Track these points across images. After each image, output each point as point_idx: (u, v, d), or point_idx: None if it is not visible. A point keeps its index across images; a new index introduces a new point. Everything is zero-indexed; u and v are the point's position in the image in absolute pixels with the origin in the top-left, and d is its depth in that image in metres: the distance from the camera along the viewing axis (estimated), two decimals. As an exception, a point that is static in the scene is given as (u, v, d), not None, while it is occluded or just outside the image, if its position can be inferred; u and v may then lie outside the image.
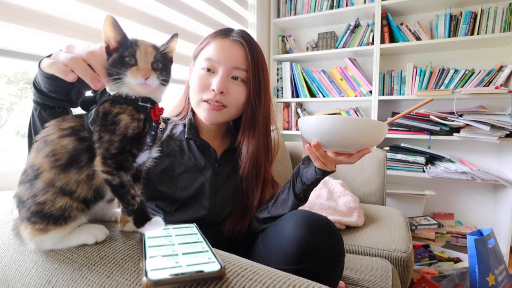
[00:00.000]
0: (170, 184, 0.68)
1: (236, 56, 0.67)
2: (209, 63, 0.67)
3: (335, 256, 0.54)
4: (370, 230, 1.09)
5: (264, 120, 0.73)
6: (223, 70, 0.66)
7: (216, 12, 1.59)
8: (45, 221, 0.39)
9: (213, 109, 0.67)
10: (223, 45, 0.68)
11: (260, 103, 0.71)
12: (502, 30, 1.61)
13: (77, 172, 0.40)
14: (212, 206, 0.70)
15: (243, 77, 0.68)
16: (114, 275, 0.35)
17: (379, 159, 1.44)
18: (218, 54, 0.67)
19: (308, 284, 0.32)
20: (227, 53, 0.67)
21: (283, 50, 2.18)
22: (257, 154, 0.71)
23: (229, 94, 0.67)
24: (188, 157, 0.71)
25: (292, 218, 0.57)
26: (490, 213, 1.84)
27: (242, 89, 0.69)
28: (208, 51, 0.68)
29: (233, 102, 0.69)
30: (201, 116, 0.70)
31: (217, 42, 0.68)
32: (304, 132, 0.60)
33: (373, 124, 0.55)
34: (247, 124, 0.71)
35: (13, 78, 1.02)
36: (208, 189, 0.70)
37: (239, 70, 0.68)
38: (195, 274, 0.31)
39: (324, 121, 0.54)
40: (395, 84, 1.87)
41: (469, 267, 1.19)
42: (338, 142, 0.56)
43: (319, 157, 0.59)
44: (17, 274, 0.40)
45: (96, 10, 0.95)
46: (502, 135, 1.56)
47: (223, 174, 0.73)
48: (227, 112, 0.69)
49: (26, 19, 0.77)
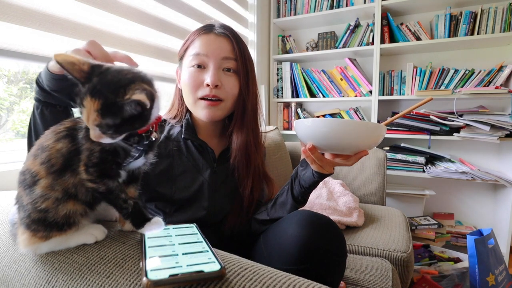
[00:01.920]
0: (169, 185, 0.68)
1: (223, 47, 0.68)
2: (198, 58, 0.67)
3: (337, 256, 0.54)
4: (370, 230, 1.09)
5: (253, 111, 0.73)
6: (214, 63, 0.66)
7: (216, 12, 1.59)
8: (48, 229, 0.38)
9: (211, 105, 0.67)
10: (209, 39, 0.68)
11: (249, 92, 0.71)
12: (502, 30, 1.61)
13: (72, 175, 0.39)
14: (211, 206, 0.70)
15: (234, 67, 0.69)
16: (114, 275, 0.35)
17: (379, 159, 1.44)
18: (206, 48, 0.67)
19: (308, 284, 0.32)
20: (215, 46, 0.67)
21: (283, 50, 2.18)
22: (246, 143, 0.71)
23: (223, 87, 0.67)
24: (187, 158, 0.71)
25: (294, 218, 0.57)
26: (490, 213, 1.84)
27: (235, 80, 0.69)
28: (195, 48, 0.68)
29: (229, 94, 0.69)
30: (200, 114, 0.69)
31: (202, 38, 0.68)
32: (300, 135, 0.59)
33: (370, 127, 0.54)
34: (238, 115, 0.72)
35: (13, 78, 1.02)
36: (207, 189, 0.70)
37: (229, 60, 0.68)
38: (195, 274, 0.31)
39: (320, 124, 0.53)
40: (395, 84, 1.87)
41: (469, 267, 1.19)
42: (335, 145, 0.55)
43: (315, 160, 0.59)
44: (17, 274, 0.40)
45: (96, 10, 0.95)
46: (502, 135, 1.56)
47: (222, 173, 0.73)
48: (224, 106, 0.69)
49: (26, 19, 0.77)
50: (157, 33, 1.21)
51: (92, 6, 0.94)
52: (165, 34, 1.24)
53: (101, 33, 0.98)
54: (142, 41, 1.14)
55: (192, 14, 1.39)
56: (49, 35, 0.84)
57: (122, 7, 1.04)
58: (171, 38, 1.28)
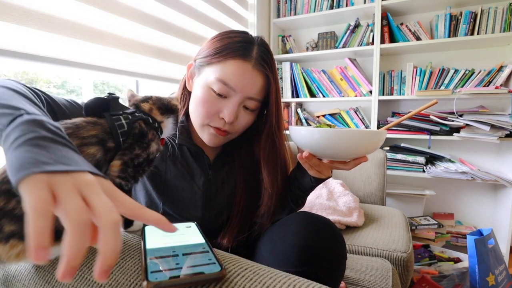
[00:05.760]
0: (159, 192, 0.64)
1: (255, 85, 0.59)
2: (223, 88, 0.58)
3: (337, 259, 0.54)
4: (370, 230, 1.09)
5: (283, 148, 0.68)
6: (237, 99, 0.59)
7: (216, 12, 1.59)
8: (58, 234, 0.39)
9: (219, 134, 0.62)
10: (243, 70, 0.58)
11: (280, 132, 0.66)
12: (502, 30, 1.61)
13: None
14: (205, 216, 0.67)
15: (254, 108, 0.62)
16: (114, 275, 0.35)
17: (379, 159, 1.44)
18: (236, 81, 0.58)
19: (308, 284, 0.32)
20: (246, 81, 0.58)
21: (283, 50, 2.18)
22: (278, 178, 0.67)
23: (237, 121, 0.62)
24: (181, 163, 0.66)
25: (294, 220, 0.56)
26: (490, 213, 1.84)
27: (251, 117, 0.64)
28: (224, 72, 0.58)
29: (240, 129, 0.64)
30: (204, 138, 0.64)
31: (236, 65, 0.58)
32: (295, 141, 0.57)
33: (368, 135, 0.52)
34: (269, 154, 0.66)
35: (13, 78, 1.02)
36: (201, 198, 0.66)
37: (253, 101, 0.61)
38: (195, 276, 0.31)
39: (315, 134, 0.51)
40: (395, 84, 1.87)
41: (469, 267, 1.19)
42: (332, 154, 0.54)
43: (312, 166, 0.58)
44: (17, 274, 0.40)
45: (96, 10, 0.95)
46: (502, 135, 1.56)
47: (217, 180, 0.69)
48: (231, 137, 0.65)
49: (26, 19, 0.77)
50: (157, 33, 1.21)
51: (92, 6, 0.94)
52: (165, 34, 1.24)
53: (101, 33, 0.98)
54: (142, 41, 1.14)
55: (192, 14, 1.39)
56: (49, 35, 0.84)
57: (122, 7, 1.04)
58: (171, 38, 1.28)
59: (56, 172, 0.26)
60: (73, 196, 0.25)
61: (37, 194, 0.24)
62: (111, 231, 0.24)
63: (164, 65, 1.26)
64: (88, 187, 0.26)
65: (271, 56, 0.63)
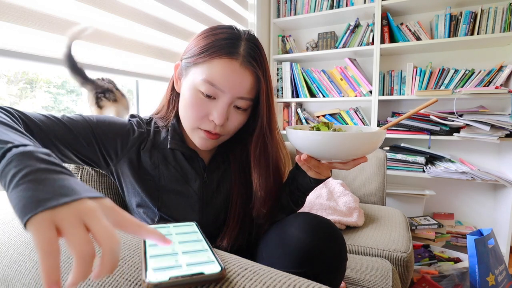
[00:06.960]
0: (154, 198, 0.63)
1: (244, 84, 0.56)
2: (211, 89, 0.55)
3: (338, 260, 0.53)
4: (370, 230, 1.09)
5: (276, 146, 0.66)
6: (227, 100, 0.56)
7: (216, 12, 1.59)
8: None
9: (210, 138, 0.59)
10: (231, 69, 0.55)
11: (271, 131, 0.63)
12: (502, 30, 1.61)
13: None
14: (203, 219, 0.65)
15: (245, 107, 0.59)
16: (114, 275, 0.35)
17: (379, 159, 1.44)
18: (224, 81, 0.55)
19: (308, 284, 0.32)
20: (235, 81, 0.55)
21: (283, 50, 2.18)
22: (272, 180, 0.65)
23: (227, 123, 0.59)
24: (174, 168, 0.64)
25: (295, 221, 0.56)
26: (490, 213, 1.84)
27: (243, 117, 0.61)
28: (211, 73, 0.55)
29: (231, 130, 0.61)
30: (195, 141, 0.62)
31: (223, 65, 0.54)
32: (293, 143, 0.56)
33: (366, 137, 0.51)
34: (259, 156, 0.64)
35: (13, 78, 1.02)
36: (197, 202, 0.64)
37: (244, 101, 0.58)
38: (195, 277, 0.31)
39: (313, 138, 0.51)
40: (395, 84, 1.87)
41: (469, 267, 1.19)
42: (331, 156, 0.53)
43: (311, 168, 0.57)
44: (17, 274, 0.40)
45: (96, 10, 0.95)
46: (502, 135, 1.56)
47: (212, 182, 0.67)
48: (223, 139, 0.63)
49: (26, 19, 0.77)
50: (157, 33, 1.21)
51: (92, 6, 0.94)
52: (165, 34, 1.24)
53: (101, 33, 0.98)
54: (142, 41, 1.14)
55: (192, 14, 1.39)
56: (49, 35, 0.84)
57: (122, 7, 1.04)
58: (170, 38, 1.28)
59: (57, 207, 0.27)
60: (76, 227, 0.27)
61: (43, 235, 0.26)
62: (110, 255, 0.27)
63: (164, 65, 1.26)
64: (88, 215, 0.28)
65: (261, 52, 0.59)
